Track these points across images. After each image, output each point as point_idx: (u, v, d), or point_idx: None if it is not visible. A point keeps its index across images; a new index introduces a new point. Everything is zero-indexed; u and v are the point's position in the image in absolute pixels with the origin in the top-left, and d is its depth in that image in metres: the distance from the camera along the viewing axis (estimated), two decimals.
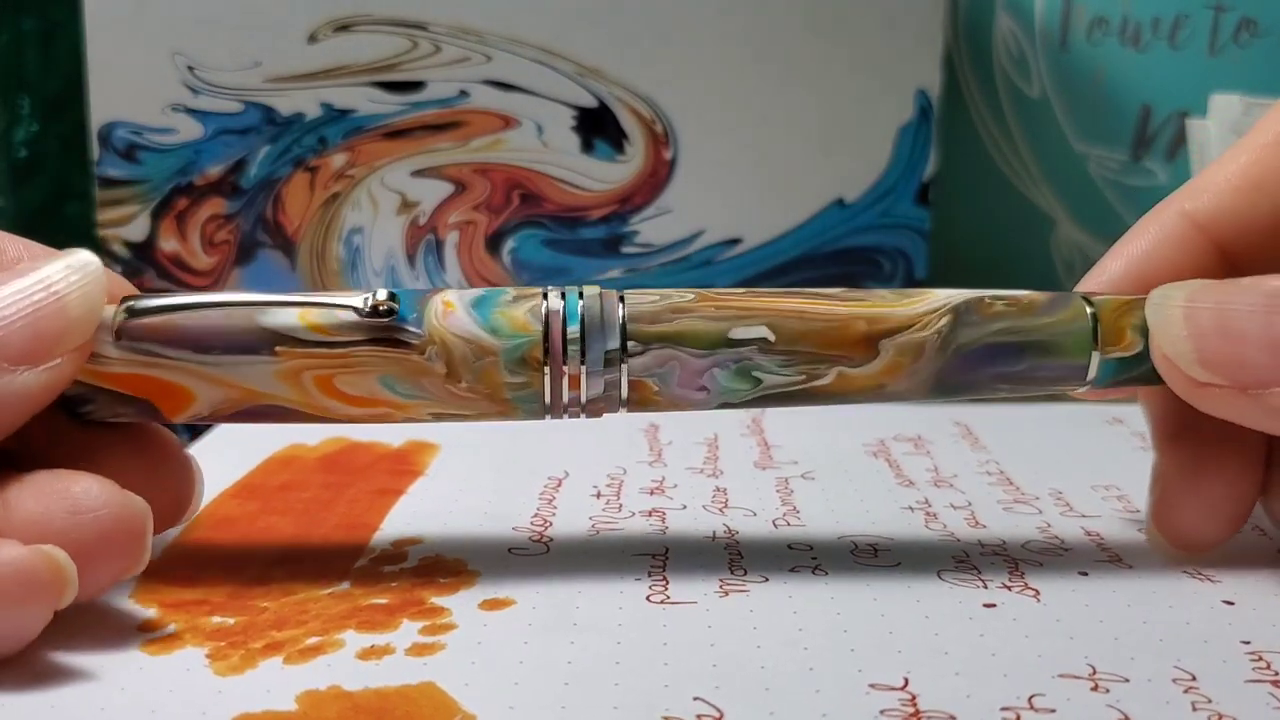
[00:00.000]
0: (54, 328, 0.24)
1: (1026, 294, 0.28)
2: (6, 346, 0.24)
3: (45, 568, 0.22)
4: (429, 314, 0.26)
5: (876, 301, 0.27)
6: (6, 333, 0.24)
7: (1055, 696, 0.22)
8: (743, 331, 0.26)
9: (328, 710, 0.21)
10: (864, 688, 0.22)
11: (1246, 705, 0.22)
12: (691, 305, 0.26)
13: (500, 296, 0.26)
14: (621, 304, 0.26)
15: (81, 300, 0.25)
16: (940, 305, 0.27)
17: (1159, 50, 0.56)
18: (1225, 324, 0.26)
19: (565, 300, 0.26)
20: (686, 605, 0.25)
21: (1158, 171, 0.57)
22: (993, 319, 0.27)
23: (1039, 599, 0.26)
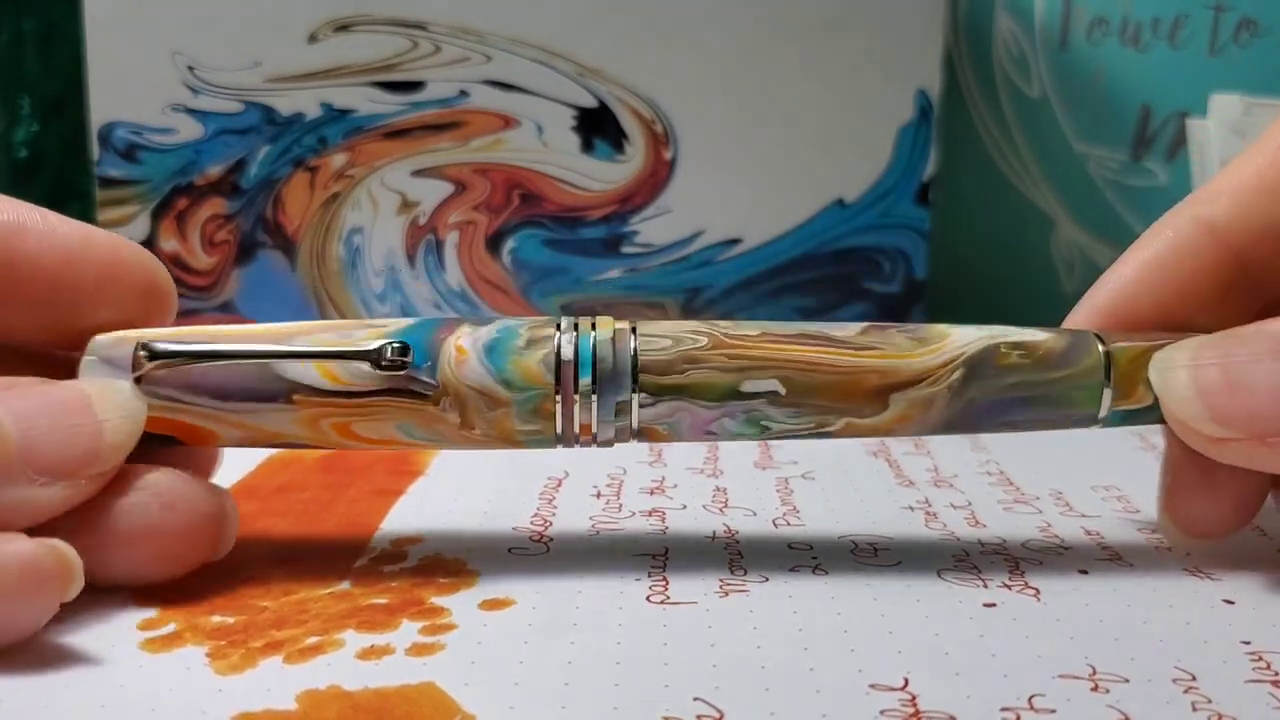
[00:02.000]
0: (86, 451, 0.24)
1: (1044, 340, 0.27)
2: (36, 454, 0.24)
3: (53, 561, 0.23)
4: (442, 362, 0.26)
5: (891, 351, 0.27)
6: (40, 440, 0.24)
7: (1055, 696, 0.22)
8: (753, 385, 0.27)
9: (327, 710, 0.21)
10: (864, 688, 0.22)
11: (1246, 705, 0.22)
12: (704, 354, 0.26)
13: (513, 341, 0.26)
14: (634, 350, 0.26)
15: (116, 431, 0.25)
16: (955, 356, 0.27)
17: (1159, 50, 0.56)
18: (1232, 378, 0.26)
19: (578, 349, 0.26)
20: (686, 605, 0.25)
21: (1158, 172, 0.57)
22: (1007, 371, 0.27)
23: (1039, 598, 0.26)
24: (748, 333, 0.27)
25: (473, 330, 0.26)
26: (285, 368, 0.26)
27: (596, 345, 0.26)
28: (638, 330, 0.27)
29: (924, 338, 0.27)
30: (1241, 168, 0.29)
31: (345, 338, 0.26)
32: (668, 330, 0.27)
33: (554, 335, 0.26)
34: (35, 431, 0.24)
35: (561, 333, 0.26)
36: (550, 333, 0.26)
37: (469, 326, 0.26)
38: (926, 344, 0.27)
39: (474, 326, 0.26)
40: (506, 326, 0.26)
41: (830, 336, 0.27)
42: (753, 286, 0.46)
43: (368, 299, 0.44)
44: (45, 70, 0.46)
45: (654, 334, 0.27)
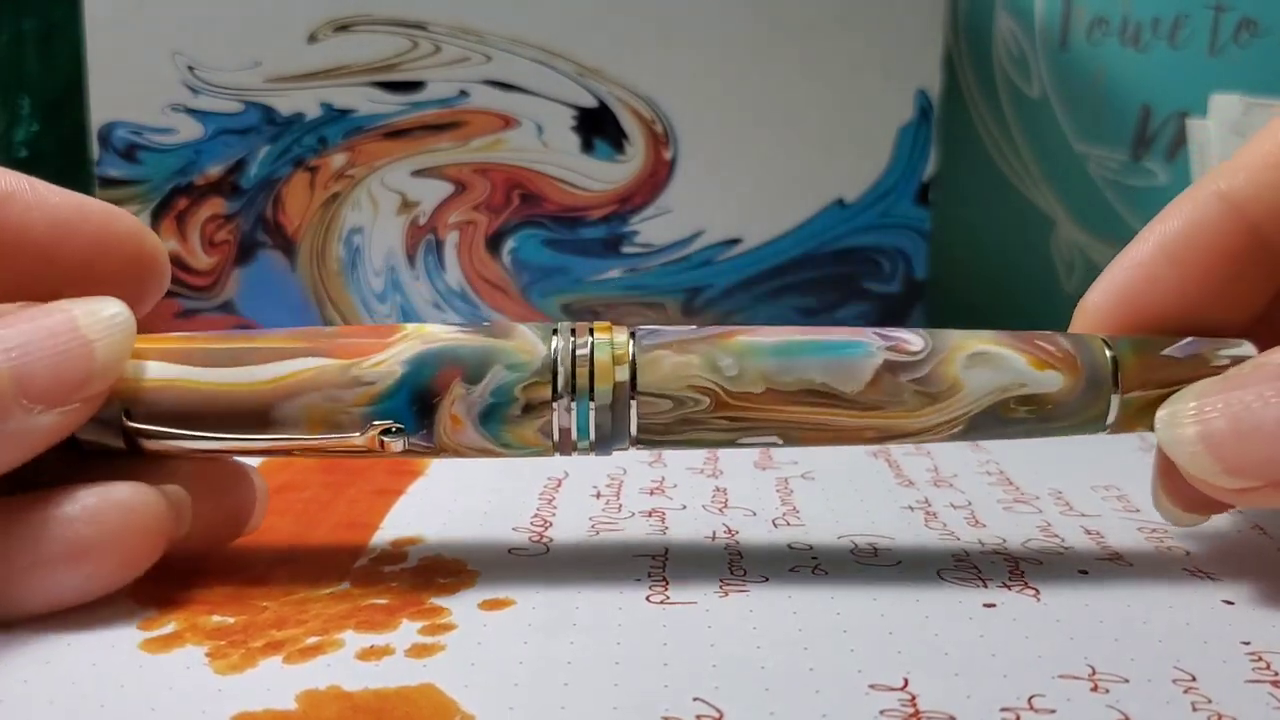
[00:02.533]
0: (78, 372, 0.24)
1: (1055, 392, 0.27)
2: (29, 383, 0.23)
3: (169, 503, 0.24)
4: (438, 429, 0.25)
5: (896, 411, 0.26)
6: (31, 369, 0.23)
7: (1055, 697, 0.22)
8: (751, 439, 0.26)
9: (327, 710, 0.21)
10: (864, 688, 0.22)
11: (1246, 705, 0.22)
12: (704, 417, 0.26)
13: (508, 409, 0.25)
14: (633, 420, 0.26)
15: (108, 349, 0.25)
16: (959, 414, 0.26)
17: (1159, 50, 0.56)
18: (1239, 426, 0.25)
19: (575, 415, 0.26)
20: (686, 605, 0.26)
21: (1158, 171, 0.57)
22: (1009, 424, 0.27)
23: (1039, 599, 0.26)
24: (751, 390, 0.26)
25: (465, 393, 0.25)
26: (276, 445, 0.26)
27: (595, 414, 0.26)
28: (638, 391, 0.26)
29: (934, 393, 0.26)
30: (1262, 143, 0.28)
31: (333, 401, 0.25)
32: (668, 385, 0.26)
33: (549, 399, 0.25)
34: (27, 360, 0.23)
35: (557, 399, 0.25)
36: (545, 394, 0.25)
37: (461, 386, 0.25)
38: (935, 401, 0.26)
39: (467, 386, 0.25)
40: (501, 387, 0.25)
41: (837, 394, 0.26)
42: (753, 286, 0.46)
43: (368, 299, 0.44)
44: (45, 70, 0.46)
45: (654, 393, 0.26)
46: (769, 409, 0.26)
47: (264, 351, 0.25)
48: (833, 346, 0.26)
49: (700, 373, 0.26)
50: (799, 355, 0.26)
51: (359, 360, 0.25)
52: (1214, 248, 0.28)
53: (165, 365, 0.25)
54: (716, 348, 0.26)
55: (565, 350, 0.26)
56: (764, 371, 0.26)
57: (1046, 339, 0.27)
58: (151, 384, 0.25)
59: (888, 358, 0.26)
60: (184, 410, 0.25)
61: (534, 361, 0.25)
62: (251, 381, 0.25)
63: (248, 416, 0.25)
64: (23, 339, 0.24)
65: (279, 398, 0.25)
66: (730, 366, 0.26)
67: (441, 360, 0.25)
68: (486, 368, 0.25)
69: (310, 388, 0.25)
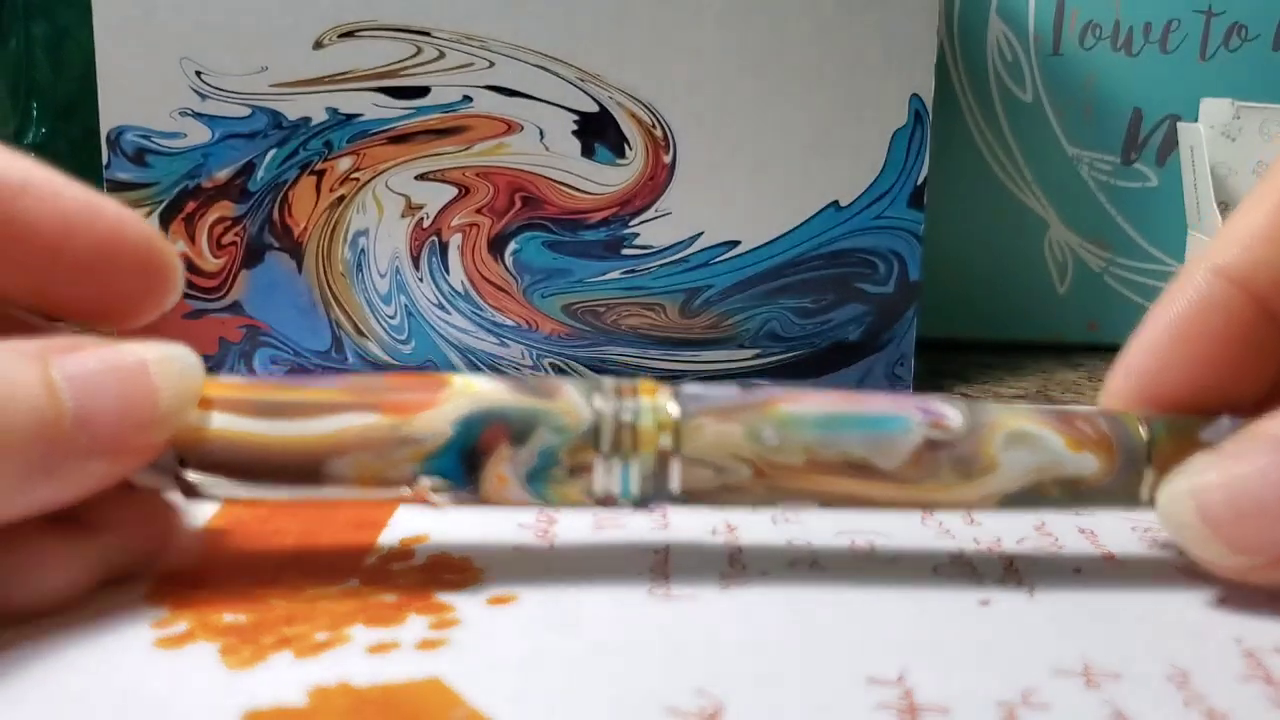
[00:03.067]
0: (141, 419, 0.24)
1: (1092, 474, 0.27)
2: (91, 425, 0.23)
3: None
4: (484, 486, 0.26)
5: (933, 485, 0.26)
6: (95, 411, 0.23)
7: (1049, 692, 0.22)
8: (790, 504, 0.27)
9: (336, 704, 0.21)
10: (861, 681, 0.23)
11: (1239, 702, 0.22)
12: (745, 485, 0.26)
13: (553, 469, 0.26)
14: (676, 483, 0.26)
15: (173, 398, 0.24)
16: (995, 492, 0.27)
17: (1150, 55, 0.57)
18: (1238, 504, 0.25)
19: (618, 479, 0.26)
20: (687, 601, 0.26)
21: (1149, 175, 0.58)
22: (1043, 502, 0.27)
23: (1033, 596, 0.27)
24: (792, 462, 0.26)
25: (513, 454, 0.26)
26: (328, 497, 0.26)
27: (639, 480, 0.26)
28: (682, 454, 0.26)
29: (970, 471, 0.26)
30: (1250, 214, 0.28)
31: (383, 459, 0.25)
32: (710, 454, 0.26)
33: (593, 461, 0.26)
34: (92, 403, 0.23)
35: (602, 461, 0.26)
36: (589, 459, 0.26)
37: (509, 446, 0.26)
38: (970, 479, 0.26)
39: (513, 446, 0.26)
40: (546, 449, 0.26)
41: (876, 469, 0.26)
42: (750, 287, 0.46)
43: (373, 300, 0.44)
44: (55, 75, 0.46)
45: (697, 457, 0.26)
46: (808, 480, 0.26)
47: (317, 405, 0.25)
48: (874, 421, 0.26)
49: (742, 442, 0.26)
50: (840, 429, 0.26)
51: (408, 418, 0.25)
52: (1220, 326, 0.28)
53: (220, 415, 0.25)
54: (759, 416, 0.26)
55: (609, 415, 0.26)
56: (805, 444, 0.26)
57: (1085, 419, 0.27)
58: (206, 434, 0.25)
59: (928, 435, 0.26)
60: (237, 461, 0.25)
61: (579, 425, 0.26)
62: (304, 436, 0.25)
63: (300, 470, 0.25)
64: (91, 377, 0.23)
65: (330, 453, 0.25)
66: (771, 437, 0.26)
67: (489, 420, 0.26)
68: (532, 429, 0.26)
69: (361, 445, 0.25)
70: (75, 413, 0.23)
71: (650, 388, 0.26)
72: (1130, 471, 0.27)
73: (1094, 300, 0.59)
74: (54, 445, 0.22)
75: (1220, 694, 0.22)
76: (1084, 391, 0.51)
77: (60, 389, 0.22)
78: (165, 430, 0.24)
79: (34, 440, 0.22)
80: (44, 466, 0.22)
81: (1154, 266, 0.58)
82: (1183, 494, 0.26)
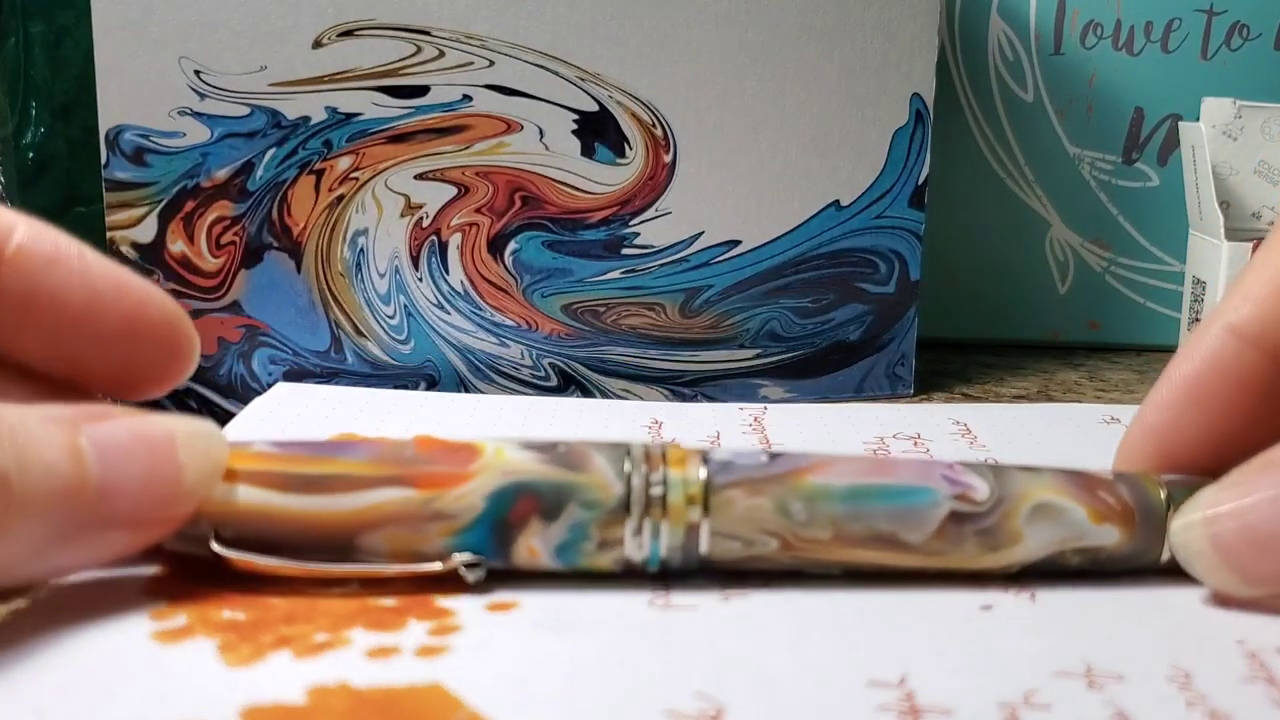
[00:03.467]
0: (164, 494, 0.24)
1: (1112, 545, 0.27)
2: (115, 496, 0.23)
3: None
4: (515, 558, 0.26)
5: (956, 557, 0.27)
6: (120, 481, 0.23)
7: (1051, 694, 0.22)
8: (815, 572, 0.27)
9: (335, 704, 0.21)
10: (862, 683, 0.23)
11: (1241, 702, 0.22)
12: (772, 557, 0.27)
13: (584, 544, 0.26)
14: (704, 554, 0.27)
15: (197, 475, 0.24)
16: (1016, 561, 0.27)
17: (1152, 54, 0.57)
18: (1253, 535, 0.25)
19: (648, 551, 0.26)
20: (688, 605, 0.26)
21: (1150, 174, 0.58)
22: (1065, 568, 0.27)
23: (1035, 599, 0.27)
24: (819, 536, 0.27)
25: (544, 529, 0.26)
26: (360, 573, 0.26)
27: (667, 552, 0.26)
28: (711, 528, 0.26)
29: (995, 544, 0.27)
30: (1260, 270, 0.28)
31: (417, 532, 0.26)
32: (738, 528, 0.26)
33: (623, 536, 0.26)
34: (117, 473, 0.23)
35: (632, 535, 0.26)
36: (620, 533, 0.26)
37: (540, 521, 0.26)
38: (995, 550, 0.27)
39: (545, 521, 0.26)
40: (577, 524, 0.26)
41: (902, 543, 0.27)
42: (751, 287, 0.46)
43: (372, 300, 0.44)
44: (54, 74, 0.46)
45: (725, 532, 0.26)
46: (834, 551, 0.27)
47: (348, 480, 0.26)
48: (901, 493, 0.27)
49: (771, 516, 0.26)
50: (868, 502, 0.27)
51: (440, 493, 0.26)
52: (1233, 384, 0.28)
53: (252, 490, 0.26)
54: (788, 490, 0.27)
55: (639, 488, 0.26)
56: (833, 518, 0.27)
57: (1107, 489, 0.27)
58: (238, 507, 0.25)
59: (954, 508, 0.27)
60: (270, 536, 0.26)
61: (609, 501, 0.26)
62: (336, 510, 0.26)
63: (332, 545, 0.26)
64: (120, 447, 0.23)
65: (363, 528, 0.26)
66: (800, 512, 0.26)
67: (520, 493, 0.26)
68: (563, 505, 0.26)
69: (393, 520, 0.26)
70: (100, 481, 0.23)
71: (679, 456, 0.27)
72: (1149, 540, 0.27)
73: (1095, 300, 0.59)
74: (75, 512, 0.22)
75: (1222, 695, 0.22)
76: (1084, 391, 0.51)
77: (87, 456, 0.23)
78: (187, 506, 0.24)
79: (56, 505, 0.22)
80: (63, 533, 0.22)
81: (1155, 266, 0.58)
82: (1196, 524, 0.26)
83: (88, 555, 0.23)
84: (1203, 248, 0.50)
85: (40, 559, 0.22)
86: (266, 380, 0.44)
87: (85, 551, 0.23)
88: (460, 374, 0.45)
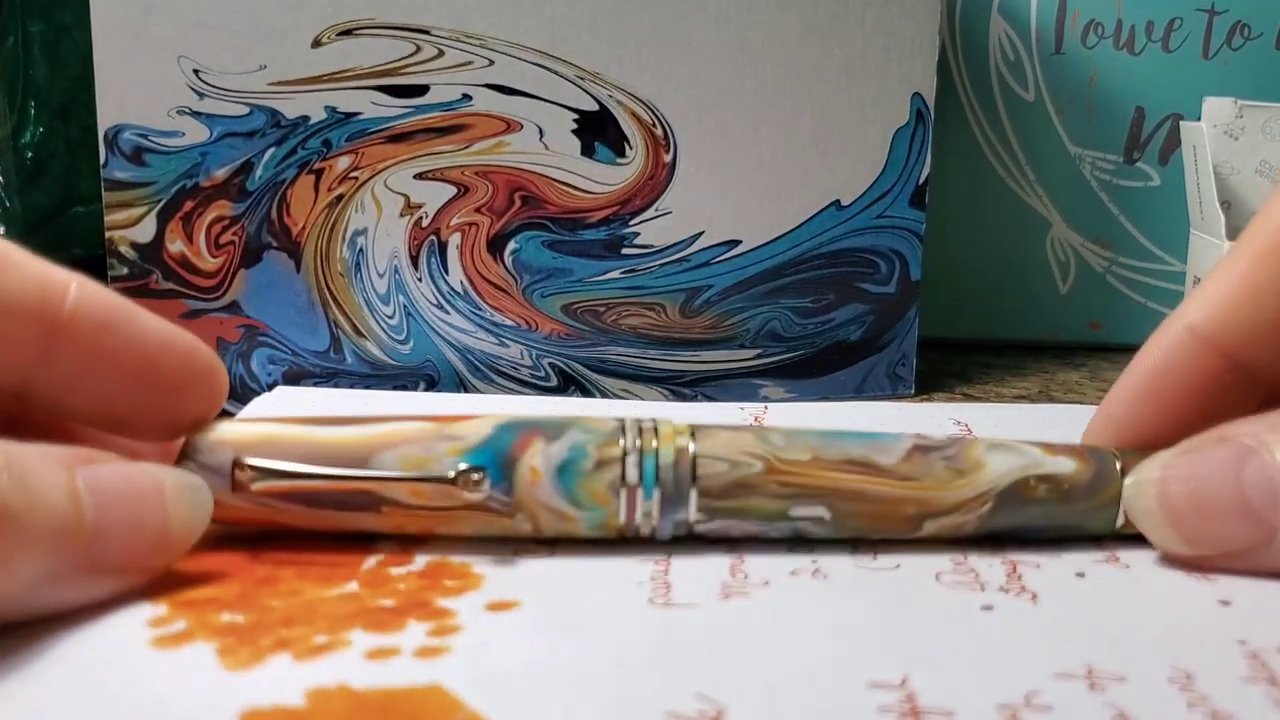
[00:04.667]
0: (150, 544, 0.24)
1: (1070, 473, 0.29)
2: (103, 545, 0.23)
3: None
4: (517, 482, 0.28)
5: (929, 483, 0.29)
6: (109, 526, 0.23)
7: (1052, 695, 0.22)
8: (801, 510, 0.29)
9: (335, 706, 0.21)
10: (863, 685, 0.22)
11: (1243, 703, 0.22)
12: (757, 480, 0.28)
13: (582, 462, 0.28)
14: (693, 475, 0.28)
15: (184, 525, 0.25)
16: (986, 490, 0.29)
17: (1153, 54, 0.57)
18: (1198, 501, 0.27)
19: (642, 473, 0.28)
20: (688, 606, 0.26)
21: (1151, 174, 0.58)
22: (1033, 503, 0.29)
23: (1036, 601, 0.27)
24: (799, 457, 0.29)
25: (546, 447, 0.28)
26: (373, 485, 0.28)
27: (660, 470, 0.28)
28: (697, 453, 0.28)
29: (962, 468, 0.29)
30: (1224, 274, 0.30)
31: (427, 451, 0.28)
32: (724, 451, 0.28)
33: (620, 455, 0.28)
34: (109, 518, 0.23)
35: (627, 455, 0.28)
36: (616, 452, 0.28)
37: (542, 442, 0.28)
38: (963, 475, 0.29)
39: (547, 442, 0.28)
40: (576, 444, 0.28)
41: (875, 465, 0.29)
42: (751, 287, 0.46)
43: (371, 300, 0.44)
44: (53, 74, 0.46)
45: (711, 455, 0.28)
46: (815, 474, 0.29)
47: (369, 419, 0.28)
48: (869, 435, 0.29)
49: (753, 443, 0.29)
50: (840, 437, 0.29)
51: (452, 423, 0.28)
52: (1190, 379, 0.30)
53: (273, 424, 0.28)
54: (767, 430, 0.29)
55: (632, 423, 0.29)
56: (810, 444, 0.29)
57: (1059, 445, 0.30)
58: (261, 436, 0.28)
59: (917, 442, 0.29)
60: (293, 453, 0.27)
61: (606, 426, 0.28)
62: (355, 436, 0.28)
63: (350, 460, 0.28)
64: (112, 492, 0.24)
65: (379, 448, 0.28)
66: (779, 438, 0.29)
67: (525, 426, 0.28)
68: (564, 431, 0.28)
69: (406, 440, 0.28)
70: (94, 525, 0.23)
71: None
72: (1104, 476, 0.29)
73: (1096, 300, 0.59)
74: (70, 553, 0.23)
75: (1224, 695, 0.22)
76: (1085, 392, 0.51)
77: (84, 500, 0.23)
78: (172, 555, 0.25)
79: (53, 544, 0.22)
80: (56, 573, 0.23)
81: (1156, 266, 0.58)
82: (1148, 482, 0.28)
83: (75, 596, 0.24)
84: (1204, 247, 0.50)
85: (32, 597, 0.23)
86: (266, 380, 0.44)
87: (73, 592, 0.24)
88: (460, 374, 0.45)
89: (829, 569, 0.28)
